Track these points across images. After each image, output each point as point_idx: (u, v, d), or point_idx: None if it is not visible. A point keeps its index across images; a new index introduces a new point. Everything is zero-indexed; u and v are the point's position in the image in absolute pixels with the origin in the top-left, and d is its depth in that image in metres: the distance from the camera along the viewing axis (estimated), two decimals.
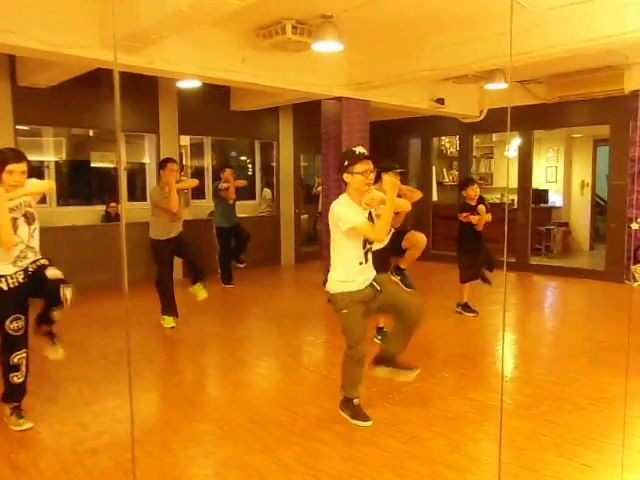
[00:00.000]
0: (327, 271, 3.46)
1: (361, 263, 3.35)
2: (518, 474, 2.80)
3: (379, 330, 5.03)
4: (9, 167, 3.18)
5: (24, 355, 3.35)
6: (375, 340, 4.97)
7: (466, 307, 6.14)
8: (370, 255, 3.43)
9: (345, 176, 3.33)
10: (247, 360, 4.80)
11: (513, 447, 3.04)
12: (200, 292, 5.69)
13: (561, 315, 6.83)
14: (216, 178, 8.23)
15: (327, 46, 5.48)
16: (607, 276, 8.06)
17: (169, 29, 4.52)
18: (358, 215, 3.29)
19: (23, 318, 3.32)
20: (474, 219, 5.81)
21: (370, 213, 3.41)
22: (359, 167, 3.29)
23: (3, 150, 3.40)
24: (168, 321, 5.64)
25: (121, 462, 2.93)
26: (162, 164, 5.64)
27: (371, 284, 3.38)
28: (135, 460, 2.88)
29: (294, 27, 5.34)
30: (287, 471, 2.85)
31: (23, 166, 3.23)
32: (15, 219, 3.26)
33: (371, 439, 3.19)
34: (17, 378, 3.35)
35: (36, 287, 3.36)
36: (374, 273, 3.46)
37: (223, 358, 4.93)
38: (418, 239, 5.04)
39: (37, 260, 3.40)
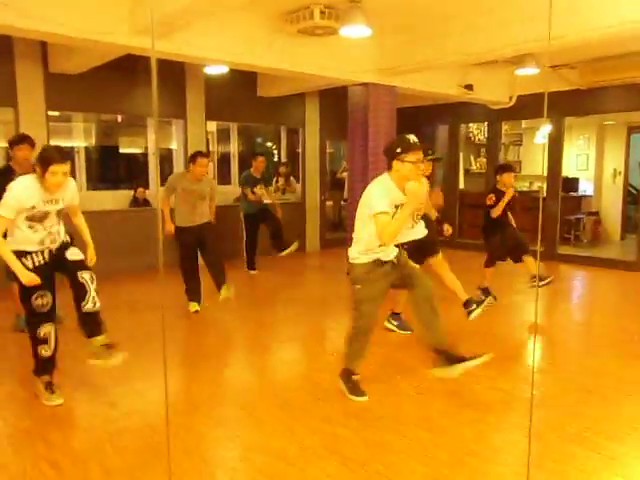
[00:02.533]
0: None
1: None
2: (544, 466, 2.77)
3: (394, 315, 5.00)
4: (52, 168, 3.20)
5: (50, 329, 3.42)
6: (387, 325, 4.94)
7: (486, 291, 6.02)
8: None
9: (395, 163, 3.29)
10: (272, 345, 4.84)
11: (539, 438, 3.02)
12: (224, 293, 5.66)
13: (591, 306, 6.71)
14: (246, 166, 8.19)
15: (355, 31, 5.42)
16: (638, 267, 7.88)
17: (196, 14, 4.53)
18: (386, 203, 3.23)
19: (49, 294, 3.39)
20: (499, 206, 5.71)
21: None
22: (411, 156, 3.26)
23: (48, 149, 3.42)
24: (193, 306, 5.71)
25: (150, 443, 3.00)
26: (192, 158, 5.59)
27: (392, 261, 3.42)
28: (163, 441, 2.94)
29: (322, 12, 5.29)
30: (312, 456, 2.88)
31: (66, 167, 3.27)
32: (47, 212, 3.32)
33: (396, 427, 3.19)
34: (45, 351, 3.43)
35: (60, 265, 3.43)
36: (397, 249, 3.47)
37: (248, 343, 4.98)
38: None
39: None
